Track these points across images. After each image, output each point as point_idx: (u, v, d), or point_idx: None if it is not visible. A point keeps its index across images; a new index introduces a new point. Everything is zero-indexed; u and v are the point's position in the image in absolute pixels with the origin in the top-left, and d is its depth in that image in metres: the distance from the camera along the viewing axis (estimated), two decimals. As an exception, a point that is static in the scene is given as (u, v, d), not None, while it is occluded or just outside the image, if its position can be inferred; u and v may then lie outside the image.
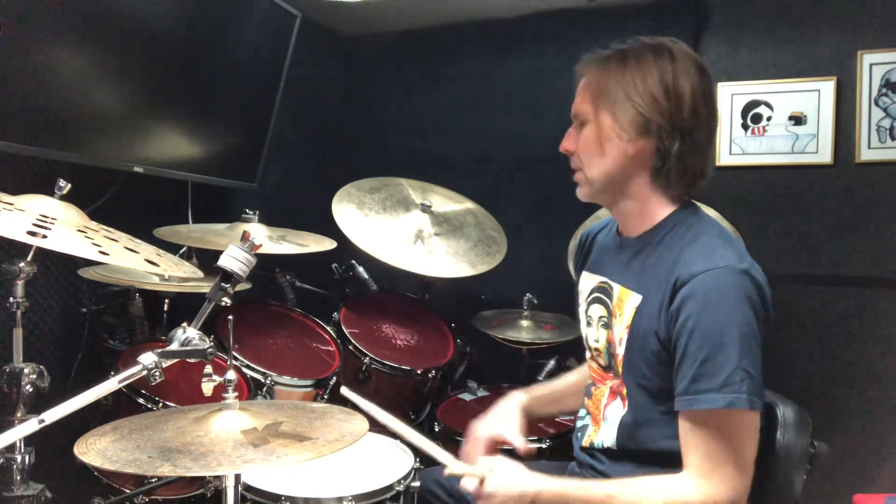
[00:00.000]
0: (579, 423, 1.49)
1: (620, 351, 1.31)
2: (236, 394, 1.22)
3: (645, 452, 1.29)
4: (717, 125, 1.31)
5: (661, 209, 1.32)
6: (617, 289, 1.35)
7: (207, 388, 1.21)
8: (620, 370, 1.32)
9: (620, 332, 1.31)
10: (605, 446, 1.36)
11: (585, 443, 1.43)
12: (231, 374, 1.21)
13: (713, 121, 1.29)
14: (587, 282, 1.48)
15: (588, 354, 1.48)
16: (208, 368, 1.21)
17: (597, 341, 1.42)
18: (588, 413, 1.45)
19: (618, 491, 1.20)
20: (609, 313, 1.37)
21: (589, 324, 1.45)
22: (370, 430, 1.27)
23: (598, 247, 1.51)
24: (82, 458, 1.05)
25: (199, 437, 1.12)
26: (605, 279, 1.40)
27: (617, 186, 1.33)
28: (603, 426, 1.38)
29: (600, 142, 1.29)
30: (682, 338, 1.17)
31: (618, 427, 1.33)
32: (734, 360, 1.13)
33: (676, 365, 1.19)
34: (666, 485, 1.18)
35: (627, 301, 1.31)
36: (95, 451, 1.07)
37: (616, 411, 1.35)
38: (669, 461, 1.22)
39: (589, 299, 1.45)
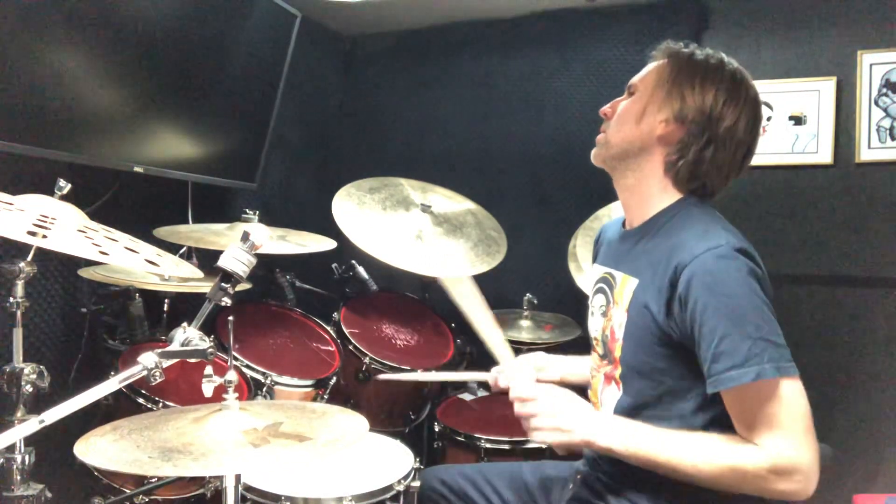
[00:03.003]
0: None
1: (620, 335, 1.33)
2: (237, 395, 1.22)
3: None
4: (746, 160, 1.36)
5: (665, 197, 1.36)
6: (619, 277, 1.38)
7: (208, 388, 1.21)
8: (618, 354, 1.34)
9: (620, 317, 1.33)
10: None
11: None
12: (231, 375, 1.21)
13: (743, 153, 1.34)
14: (594, 274, 1.52)
15: (591, 346, 1.50)
16: (208, 369, 1.21)
17: (595, 330, 1.45)
18: (591, 403, 1.47)
19: (682, 445, 1.18)
20: (608, 302, 1.40)
21: (592, 314, 1.48)
22: (370, 429, 1.27)
23: (606, 241, 1.56)
24: (82, 458, 1.05)
25: (199, 438, 1.12)
26: (609, 270, 1.44)
27: (632, 159, 1.37)
28: (601, 412, 1.40)
29: (642, 113, 1.35)
30: (696, 321, 1.17)
31: (613, 411, 1.35)
32: (752, 331, 1.13)
33: (696, 349, 1.19)
34: (734, 449, 1.16)
35: (626, 286, 1.34)
36: (95, 451, 1.07)
37: (611, 395, 1.37)
38: None
39: (594, 290, 1.49)
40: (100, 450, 1.08)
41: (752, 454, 1.14)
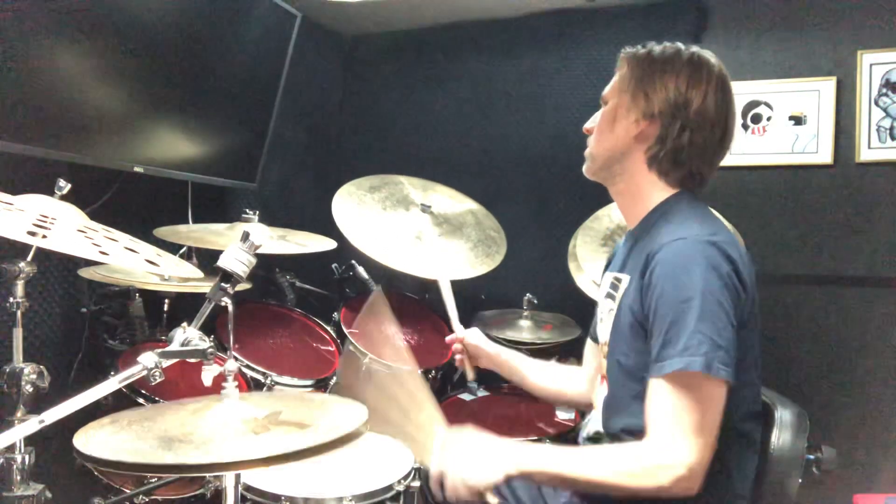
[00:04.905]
0: (586, 420, 1.52)
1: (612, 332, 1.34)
2: (236, 383, 1.21)
3: (626, 436, 1.29)
4: (727, 139, 1.35)
5: (656, 194, 1.37)
6: (622, 277, 1.39)
7: (207, 377, 1.20)
8: (606, 350, 1.35)
9: (615, 315, 1.35)
10: (595, 431, 1.38)
11: (584, 434, 1.45)
12: (231, 364, 1.20)
13: (721, 131, 1.33)
14: (603, 281, 1.52)
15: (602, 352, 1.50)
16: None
17: (604, 335, 1.44)
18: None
19: (578, 461, 1.18)
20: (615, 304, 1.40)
21: (601, 320, 1.48)
22: (370, 429, 1.26)
23: (618, 248, 1.57)
24: (82, 449, 1.04)
25: (199, 427, 1.12)
26: (616, 274, 1.44)
27: (617, 164, 1.40)
28: (597, 411, 1.41)
29: (614, 119, 1.39)
30: (652, 307, 1.19)
31: (602, 408, 1.36)
32: (692, 324, 1.13)
33: (650, 336, 1.20)
34: (625, 454, 1.18)
35: (623, 285, 1.35)
36: (96, 442, 1.06)
37: (602, 393, 1.39)
38: None
39: (603, 296, 1.49)
40: (100, 441, 1.07)
41: (641, 454, 1.14)
